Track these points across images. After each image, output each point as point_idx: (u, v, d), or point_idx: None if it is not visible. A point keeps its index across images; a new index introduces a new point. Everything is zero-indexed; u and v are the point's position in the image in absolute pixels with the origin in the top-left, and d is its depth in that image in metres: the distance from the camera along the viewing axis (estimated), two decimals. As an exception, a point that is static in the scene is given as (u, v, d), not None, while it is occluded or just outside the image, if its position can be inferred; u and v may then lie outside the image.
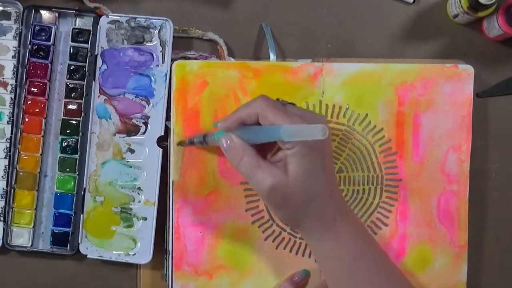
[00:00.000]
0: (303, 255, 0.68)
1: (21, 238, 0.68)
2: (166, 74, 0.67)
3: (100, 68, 0.68)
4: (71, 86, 0.68)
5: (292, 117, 0.52)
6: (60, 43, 0.69)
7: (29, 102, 0.68)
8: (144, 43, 0.68)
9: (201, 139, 0.60)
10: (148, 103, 0.68)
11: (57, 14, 0.68)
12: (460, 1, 0.68)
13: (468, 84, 0.69)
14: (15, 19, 0.68)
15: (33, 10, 0.68)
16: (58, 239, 0.68)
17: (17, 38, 0.68)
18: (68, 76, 0.68)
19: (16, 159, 0.68)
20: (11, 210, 0.68)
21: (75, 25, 0.69)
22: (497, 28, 0.68)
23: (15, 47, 0.68)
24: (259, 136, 0.53)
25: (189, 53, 0.70)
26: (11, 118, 0.68)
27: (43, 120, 0.68)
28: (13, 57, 0.68)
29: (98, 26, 0.67)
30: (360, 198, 0.68)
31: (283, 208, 0.54)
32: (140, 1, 0.70)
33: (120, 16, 0.68)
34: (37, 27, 0.68)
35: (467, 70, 0.69)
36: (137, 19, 0.68)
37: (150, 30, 0.68)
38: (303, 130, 0.50)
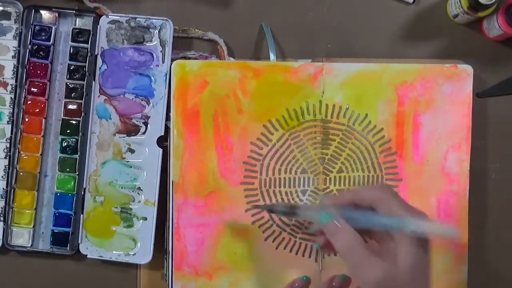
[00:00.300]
0: (303, 255, 0.68)
1: (21, 238, 0.68)
2: (166, 74, 0.67)
3: (100, 68, 0.68)
4: (71, 86, 0.68)
5: (415, 212, 0.52)
6: (60, 43, 0.69)
7: (29, 102, 0.68)
8: (144, 43, 0.68)
9: (287, 210, 0.57)
10: (148, 103, 0.68)
11: (57, 14, 0.68)
12: (460, 1, 0.68)
13: (468, 84, 0.69)
14: (15, 19, 0.68)
15: (33, 10, 0.68)
16: (58, 239, 0.68)
17: (17, 38, 0.68)
18: (68, 76, 0.68)
19: (16, 159, 0.68)
20: (11, 210, 0.68)
21: (75, 25, 0.69)
22: (497, 28, 0.68)
23: (15, 47, 0.68)
24: (379, 224, 0.52)
25: (189, 53, 0.70)
26: (11, 118, 0.68)
27: (43, 120, 0.68)
28: (13, 57, 0.68)
29: (98, 26, 0.68)
30: (360, 198, 0.68)
31: None
32: (140, 1, 0.70)
33: (120, 16, 0.68)
34: (37, 27, 0.68)
35: (466, 70, 0.69)
36: (137, 19, 0.68)
37: (150, 30, 0.68)
38: (435, 228, 0.51)
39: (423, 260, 0.51)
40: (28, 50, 0.68)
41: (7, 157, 0.68)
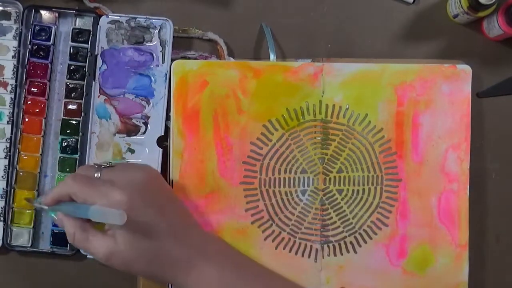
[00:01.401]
0: (302, 255, 0.68)
1: (21, 238, 0.68)
2: (166, 74, 0.67)
3: (100, 68, 0.68)
4: (71, 86, 0.68)
5: (99, 189, 0.56)
6: (60, 43, 0.69)
7: (29, 102, 0.68)
8: (144, 43, 0.68)
9: (38, 207, 0.62)
10: (148, 103, 0.68)
11: (57, 14, 0.68)
12: (460, 1, 0.68)
13: (467, 84, 0.69)
14: (15, 19, 0.68)
15: (33, 10, 0.68)
16: (58, 239, 0.68)
17: (17, 38, 0.68)
18: (68, 76, 0.68)
19: (16, 159, 0.68)
20: (11, 210, 0.68)
21: (75, 25, 0.69)
22: (497, 28, 0.68)
23: (15, 47, 0.68)
24: (75, 213, 0.57)
25: (189, 53, 0.70)
26: (11, 118, 0.68)
27: (43, 120, 0.68)
28: (13, 57, 0.68)
29: (98, 26, 0.68)
30: (360, 198, 0.68)
31: (131, 271, 0.57)
32: (140, 1, 0.70)
33: (120, 16, 0.68)
34: (37, 27, 0.68)
35: (465, 70, 0.69)
36: (137, 19, 0.68)
37: (150, 30, 0.68)
38: (105, 214, 0.53)
39: (145, 225, 0.56)
40: (28, 50, 0.68)
41: (7, 157, 0.68)
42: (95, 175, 0.58)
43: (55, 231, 0.68)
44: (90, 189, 0.56)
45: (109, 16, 0.68)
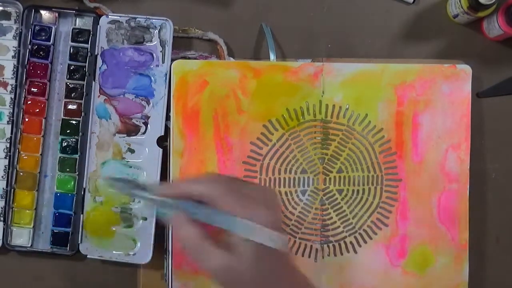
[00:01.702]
0: (302, 255, 0.68)
1: (21, 238, 0.68)
2: (166, 74, 0.67)
3: (100, 68, 0.68)
4: (71, 86, 0.68)
5: (250, 202, 0.51)
6: (60, 43, 0.69)
7: (29, 102, 0.68)
8: (144, 43, 0.68)
9: (152, 203, 0.53)
10: (148, 103, 0.68)
11: (57, 14, 0.68)
12: (460, 1, 0.68)
13: (466, 83, 0.69)
14: (15, 19, 0.68)
15: (33, 10, 0.68)
16: (58, 239, 0.68)
17: (17, 38, 0.68)
18: (68, 76, 0.68)
19: (16, 159, 0.68)
20: (11, 210, 0.68)
21: (75, 25, 0.69)
22: (497, 28, 0.68)
23: (15, 47, 0.68)
24: (211, 220, 0.51)
25: (189, 53, 0.70)
26: (11, 118, 0.68)
27: (43, 120, 0.68)
28: (13, 57, 0.68)
29: (98, 26, 0.68)
30: (360, 198, 0.68)
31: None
32: (140, 1, 0.70)
33: (120, 16, 0.68)
34: (37, 27, 0.68)
35: (465, 70, 0.69)
36: (137, 19, 0.68)
37: (150, 30, 0.68)
38: (262, 233, 0.49)
39: (272, 255, 0.51)
40: (28, 50, 0.68)
41: (7, 157, 0.68)
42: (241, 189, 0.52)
43: (55, 231, 0.68)
44: (238, 200, 0.51)
45: (109, 16, 0.68)
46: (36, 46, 0.68)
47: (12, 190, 0.68)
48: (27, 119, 0.68)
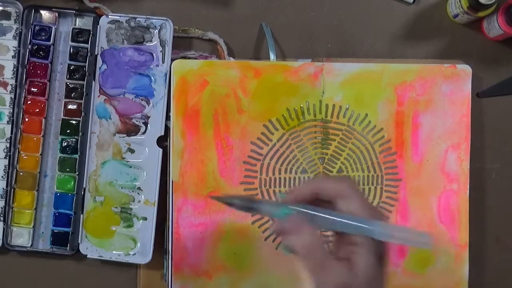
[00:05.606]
0: (303, 255, 0.68)
1: (21, 238, 0.68)
2: (166, 74, 0.67)
3: (100, 68, 0.68)
4: (71, 86, 0.68)
5: (377, 214, 0.46)
6: (60, 43, 0.69)
7: (29, 102, 0.68)
8: (144, 43, 0.68)
9: (246, 204, 0.49)
10: (148, 103, 0.68)
11: (57, 14, 0.68)
12: (460, 1, 0.68)
13: (466, 83, 0.69)
14: (15, 19, 0.68)
15: (33, 10, 0.68)
16: (58, 239, 0.68)
17: (17, 38, 0.68)
18: (68, 76, 0.68)
19: (16, 159, 0.68)
20: (11, 210, 0.68)
21: (75, 25, 0.69)
22: (497, 28, 0.68)
23: (15, 47, 0.68)
24: (345, 227, 0.46)
25: (189, 53, 0.70)
26: (11, 118, 0.68)
27: (43, 120, 0.68)
28: (13, 57, 0.68)
29: (98, 26, 0.68)
30: (360, 198, 0.68)
31: None
32: (140, 1, 0.70)
33: (120, 16, 0.68)
34: (37, 27, 0.68)
35: (465, 70, 0.69)
36: (137, 19, 0.68)
37: (150, 30, 0.68)
38: (410, 235, 0.45)
39: (380, 272, 0.46)
40: (28, 50, 0.68)
41: (7, 157, 0.68)
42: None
43: (55, 231, 0.68)
44: (367, 206, 0.46)
45: (109, 16, 0.68)
46: (36, 46, 0.68)
47: (12, 190, 0.68)
48: (27, 119, 0.68)
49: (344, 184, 0.47)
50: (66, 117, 0.68)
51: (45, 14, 0.68)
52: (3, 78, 0.68)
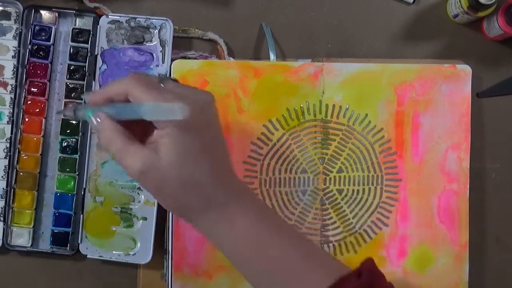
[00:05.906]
0: (303, 255, 0.68)
1: (21, 238, 0.68)
2: (166, 74, 0.67)
3: (100, 68, 0.68)
4: (71, 86, 0.68)
5: (164, 95, 0.48)
6: (60, 43, 0.69)
7: (29, 102, 0.68)
8: (144, 43, 0.68)
9: (72, 113, 0.53)
10: (148, 103, 0.68)
11: (57, 14, 0.68)
12: (460, 1, 0.68)
13: (466, 83, 0.69)
14: (15, 19, 0.68)
15: (33, 10, 0.68)
16: (58, 239, 0.68)
17: (17, 38, 0.68)
18: (68, 76, 0.68)
19: (16, 159, 0.68)
20: (11, 210, 0.68)
21: (75, 25, 0.69)
22: (497, 28, 0.68)
23: (15, 47, 0.68)
24: (122, 113, 0.49)
25: (189, 53, 0.70)
26: (11, 118, 0.68)
27: (43, 120, 0.68)
28: (13, 57, 0.68)
29: (98, 26, 0.68)
30: (360, 198, 0.68)
31: (160, 195, 0.50)
32: (140, 1, 0.70)
33: (120, 16, 0.68)
34: (37, 27, 0.68)
35: (465, 70, 0.69)
36: (137, 19, 0.68)
37: (150, 30, 0.68)
38: (161, 109, 0.47)
39: (193, 149, 0.49)
40: (28, 50, 0.68)
41: (7, 157, 0.68)
42: (160, 85, 0.50)
43: (55, 231, 0.68)
44: (154, 92, 0.48)
45: (109, 16, 0.68)
46: (36, 46, 0.68)
47: (12, 190, 0.68)
48: (27, 119, 0.68)
49: (125, 81, 0.49)
50: (66, 117, 0.68)
51: (45, 14, 0.68)
52: (3, 78, 0.68)
